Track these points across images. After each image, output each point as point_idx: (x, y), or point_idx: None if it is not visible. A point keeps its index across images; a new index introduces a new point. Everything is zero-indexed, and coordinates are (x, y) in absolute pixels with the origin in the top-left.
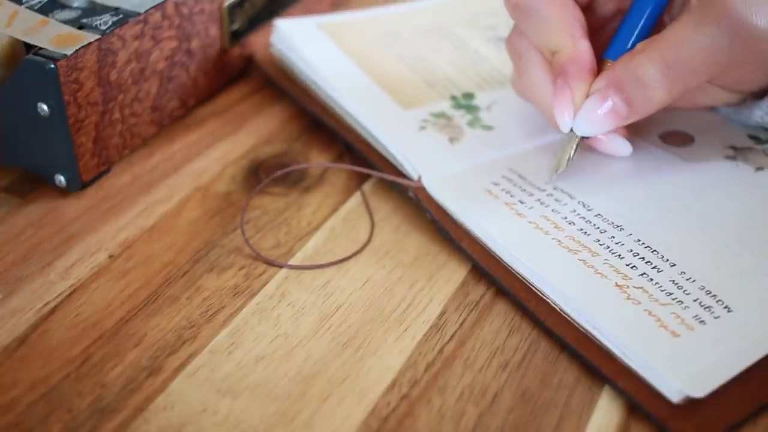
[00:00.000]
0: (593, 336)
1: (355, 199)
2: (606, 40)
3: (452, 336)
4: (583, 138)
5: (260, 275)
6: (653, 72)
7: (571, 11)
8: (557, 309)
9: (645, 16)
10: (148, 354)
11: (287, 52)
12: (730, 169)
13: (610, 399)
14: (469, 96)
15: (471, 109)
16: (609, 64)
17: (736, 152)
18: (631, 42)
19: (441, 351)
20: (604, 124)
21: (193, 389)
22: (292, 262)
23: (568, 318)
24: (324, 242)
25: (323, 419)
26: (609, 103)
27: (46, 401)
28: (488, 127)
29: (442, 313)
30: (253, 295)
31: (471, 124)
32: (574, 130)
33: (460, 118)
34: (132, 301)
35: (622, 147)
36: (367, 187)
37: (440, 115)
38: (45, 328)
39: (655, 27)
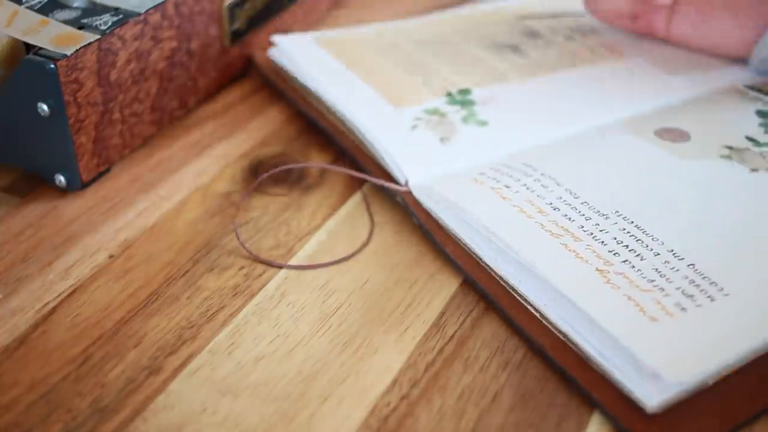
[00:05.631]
0: (571, 341)
1: (355, 199)
2: None
3: (452, 336)
4: None
5: (260, 275)
6: None
7: None
8: (537, 317)
9: None
10: (148, 354)
11: (286, 63)
12: (725, 168)
13: None
14: (465, 92)
15: (466, 103)
16: None
17: (732, 152)
18: None
19: (441, 351)
20: None
21: (193, 389)
22: (292, 262)
23: (547, 324)
24: (324, 242)
25: (323, 419)
26: None
27: (45, 401)
28: (483, 123)
29: (442, 313)
30: (253, 295)
31: (465, 119)
32: None
33: (455, 113)
34: (132, 301)
35: None
36: (367, 187)
37: (434, 111)
38: (45, 329)
39: None
